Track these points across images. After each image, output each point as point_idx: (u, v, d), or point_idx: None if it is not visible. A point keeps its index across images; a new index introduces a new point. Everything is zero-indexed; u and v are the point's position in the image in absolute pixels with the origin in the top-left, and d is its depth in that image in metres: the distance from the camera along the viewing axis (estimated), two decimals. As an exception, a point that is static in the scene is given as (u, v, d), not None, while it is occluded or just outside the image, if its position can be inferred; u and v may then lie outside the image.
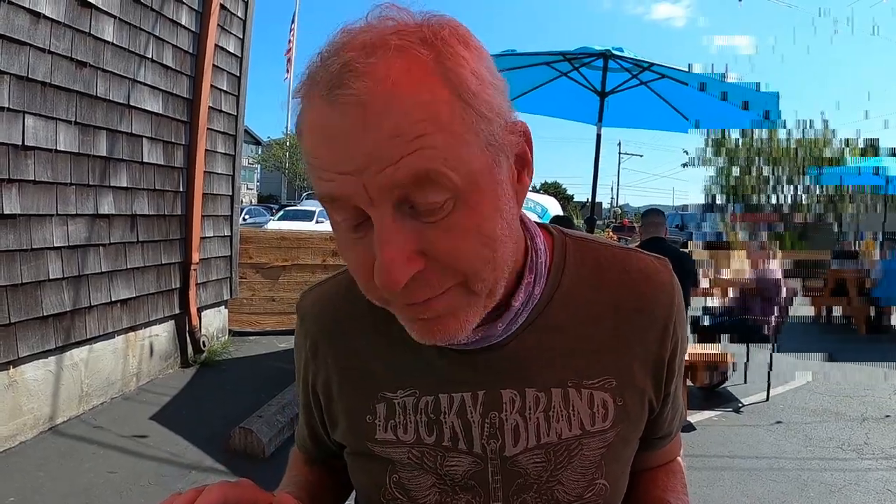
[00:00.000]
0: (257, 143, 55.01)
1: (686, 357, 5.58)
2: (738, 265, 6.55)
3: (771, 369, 6.33)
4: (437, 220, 0.69)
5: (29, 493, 3.81)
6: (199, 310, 6.75)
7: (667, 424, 1.10)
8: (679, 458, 1.23)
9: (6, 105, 4.22)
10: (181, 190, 6.40)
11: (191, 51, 6.41)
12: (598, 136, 6.62)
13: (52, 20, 4.57)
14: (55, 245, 4.74)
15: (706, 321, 6.57)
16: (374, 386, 1.01)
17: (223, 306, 7.55)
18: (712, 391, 6.42)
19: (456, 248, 0.71)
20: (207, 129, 6.66)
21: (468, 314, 0.78)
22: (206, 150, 6.69)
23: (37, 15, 4.42)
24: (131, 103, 5.55)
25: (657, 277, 1.00)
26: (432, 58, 0.67)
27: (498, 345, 0.94)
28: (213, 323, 7.24)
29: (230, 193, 7.44)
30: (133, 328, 5.79)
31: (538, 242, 0.95)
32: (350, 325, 1.03)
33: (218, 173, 7.17)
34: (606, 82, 6.58)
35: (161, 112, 5.99)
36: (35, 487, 3.88)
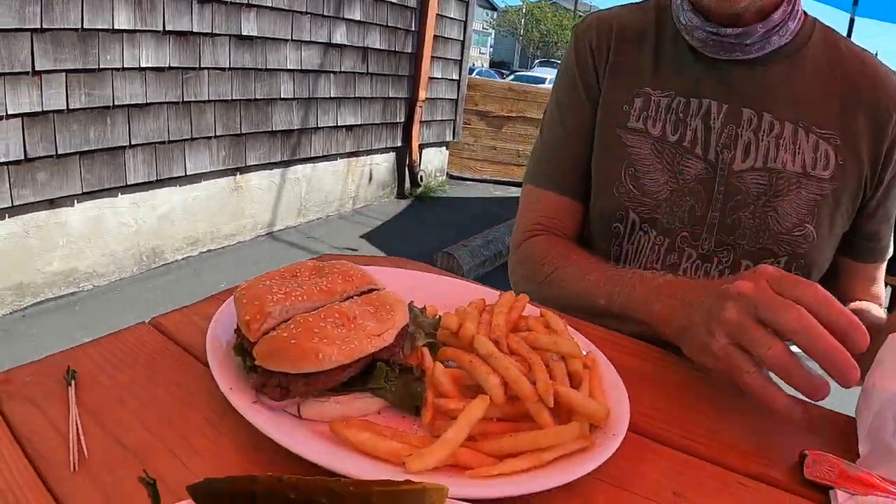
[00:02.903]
0: (493, 8, 53.64)
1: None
2: None
3: None
4: None
5: (240, 282, 4.45)
6: (421, 146, 7.06)
7: (874, 226, 1.18)
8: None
9: (248, -68, 4.51)
10: (413, 29, 6.51)
11: None
12: (851, 21, 5.52)
13: None
14: (288, 67, 5.16)
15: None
16: (636, 82, 1.21)
17: (444, 147, 7.80)
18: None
19: None
20: (445, -31, 6.60)
21: None
22: (441, -8, 6.69)
23: None
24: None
25: (891, 79, 1.13)
26: None
27: (751, 62, 1.12)
28: (432, 161, 7.55)
29: (461, 39, 7.43)
30: (355, 154, 6.25)
31: None
32: (629, 32, 1.23)
33: (450, 17, 7.16)
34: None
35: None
36: (247, 278, 4.51)
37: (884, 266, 1.24)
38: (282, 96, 5.16)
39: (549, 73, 29.75)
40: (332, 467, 0.58)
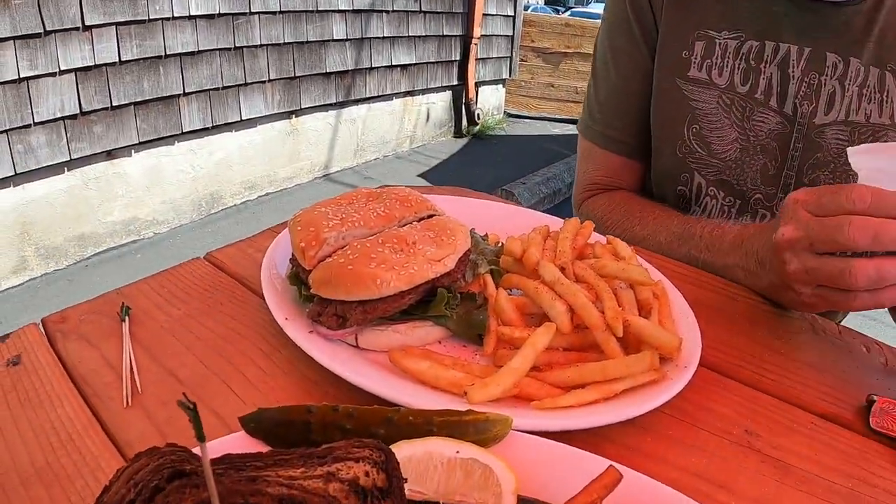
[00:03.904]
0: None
1: None
2: None
3: None
4: None
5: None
6: (477, 84, 6.90)
7: None
8: None
9: None
10: (465, -37, 6.30)
11: None
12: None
13: None
14: (340, 8, 5.07)
15: None
16: (698, 20, 1.05)
17: (501, 85, 7.62)
18: None
19: None
20: None
21: None
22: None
23: None
24: None
25: None
26: None
27: (838, 2, 0.97)
28: (489, 100, 7.39)
29: (516, -29, 7.13)
30: (411, 93, 6.15)
31: None
32: None
33: (505, -51, 6.90)
34: None
35: None
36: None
37: None
38: (334, 37, 5.08)
39: (607, 10, 29.19)
40: (392, 398, 0.55)
